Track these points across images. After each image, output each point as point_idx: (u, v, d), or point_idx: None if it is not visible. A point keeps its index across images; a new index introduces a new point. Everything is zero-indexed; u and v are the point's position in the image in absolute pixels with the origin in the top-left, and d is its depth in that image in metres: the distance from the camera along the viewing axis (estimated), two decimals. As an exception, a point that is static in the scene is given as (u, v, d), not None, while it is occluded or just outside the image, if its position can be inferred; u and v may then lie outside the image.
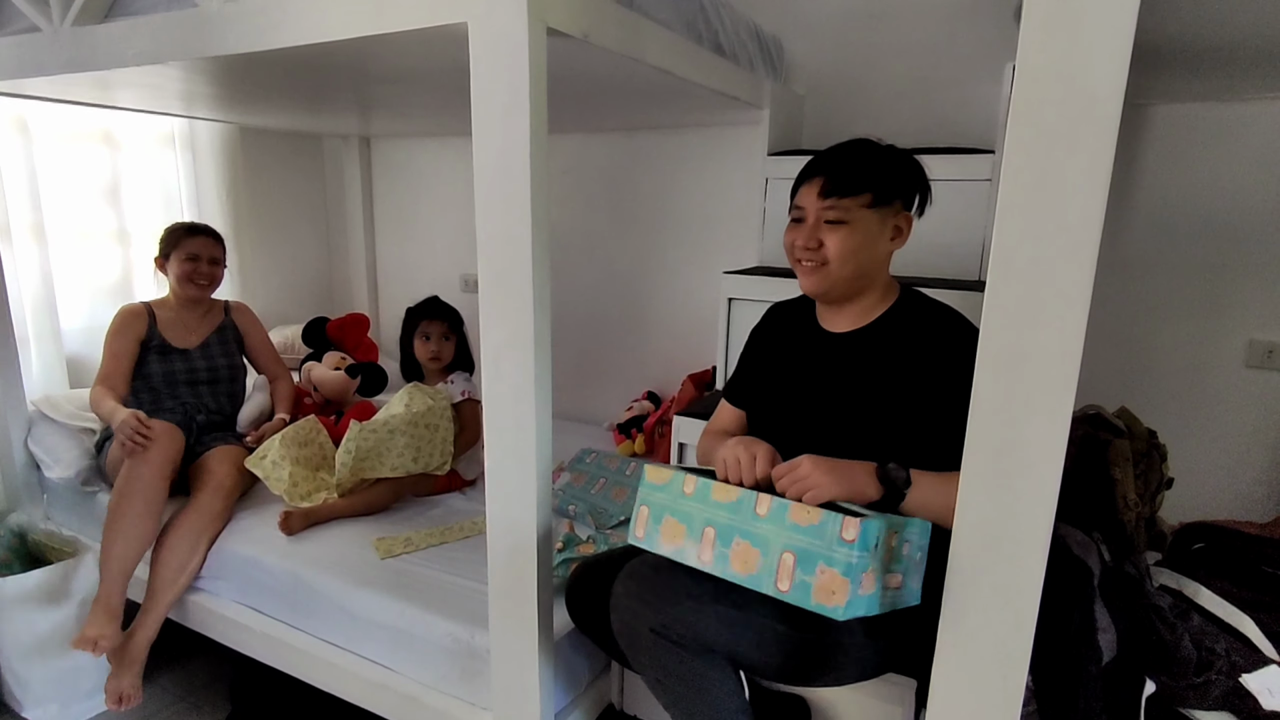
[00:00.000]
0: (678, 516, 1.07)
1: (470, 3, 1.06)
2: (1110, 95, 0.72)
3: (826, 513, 0.94)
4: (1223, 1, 1.05)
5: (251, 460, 1.89)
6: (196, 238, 2.10)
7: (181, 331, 2.13)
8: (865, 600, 0.93)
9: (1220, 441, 1.88)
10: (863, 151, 1.19)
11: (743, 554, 0.99)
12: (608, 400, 2.71)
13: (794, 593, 0.95)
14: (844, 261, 1.16)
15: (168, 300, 2.16)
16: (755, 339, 1.43)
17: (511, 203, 1.10)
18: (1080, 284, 0.75)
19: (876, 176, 1.16)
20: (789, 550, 0.95)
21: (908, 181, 1.19)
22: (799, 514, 0.96)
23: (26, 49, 1.64)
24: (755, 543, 0.99)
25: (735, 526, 1.01)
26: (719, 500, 1.04)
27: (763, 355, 1.39)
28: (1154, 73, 1.54)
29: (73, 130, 2.38)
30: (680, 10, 1.52)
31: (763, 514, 0.99)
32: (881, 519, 0.94)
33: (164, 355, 2.07)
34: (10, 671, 1.76)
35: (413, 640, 1.48)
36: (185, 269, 2.07)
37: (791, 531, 0.96)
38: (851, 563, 0.90)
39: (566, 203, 2.68)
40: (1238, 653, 1.09)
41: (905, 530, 0.98)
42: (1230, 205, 1.80)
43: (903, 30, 2.07)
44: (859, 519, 0.91)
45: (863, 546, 0.91)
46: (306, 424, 2.02)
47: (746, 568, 0.99)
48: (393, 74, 1.61)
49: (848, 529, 0.91)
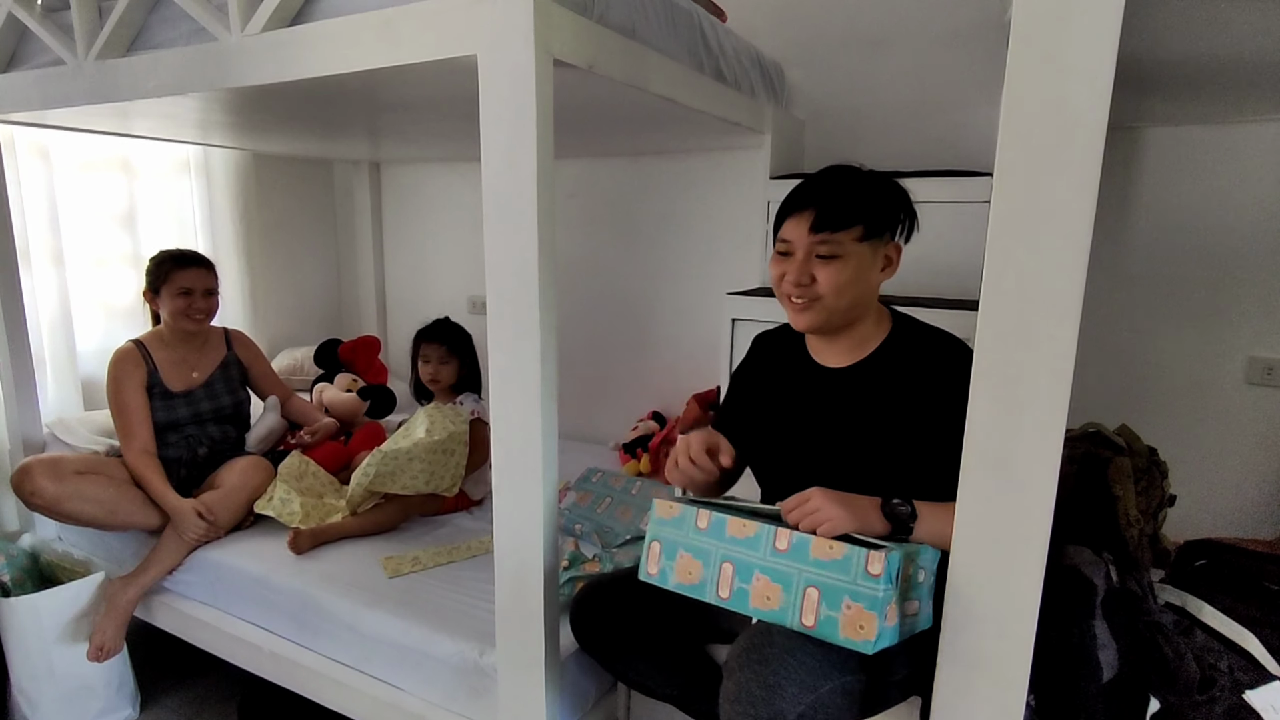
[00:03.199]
0: (692, 552, 1.06)
1: (480, 36, 1.10)
2: (1095, 119, 0.75)
3: (850, 547, 0.94)
4: (1213, 27, 1.08)
5: (260, 504, 1.89)
6: (189, 269, 1.97)
7: (182, 371, 2.03)
8: (891, 631, 0.93)
9: (1222, 459, 1.89)
10: (851, 181, 1.16)
11: (763, 589, 0.99)
12: (613, 420, 2.73)
13: (820, 628, 0.94)
14: (838, 295, 1.13)
15: (161, 335, 2.02)
16: (744, 371, 1.41)
17: (518, 227, 1.13)
18: (1070, 302, 0.77)
19: (867, 208, 1.13)
20: (813, 585, 0.95)
21: (897, 210, 1.18)
22: (820, 549, 0.95)
23: (52, 81, 1.70)
24: (775, 578, 0.98)
25: (754, 562, 1.00)
26: (735, 535, 1.02)
27: (754, 389, 1.36)
28: (1149, 96, 1.57)
29: (92, 158, 2.44)
30: (682, 39, 1.56)
31: (783, 549, 0.98)
32: (900, 549, 0.94)
33: (167, 399, 1.98)
34: (20, 691, 1.78)
35: (420, 659, 1.49)
36: (180, 304, 1.95)
37: (814, 567, 0.95)
38: (878, 596, 0.90)
39: (573, 226, 2.72)
40: (1242, 670, 1.09)
41: (920, 558, 0.98)
42: (1228, 224, 1.82)
43: (902, 56, 2.12)
44: (884, 552, 0.91)
45: (888, 580, 0.91)
46: (293, 460, 2.02)
47: (768, 603, 0.98)
48: (404, 103, 1.66)
49: (873, 563, 0.91)
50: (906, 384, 1.15)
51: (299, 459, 2.04)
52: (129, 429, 1.91)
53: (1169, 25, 1.03)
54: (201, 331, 2.07)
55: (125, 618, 1.78)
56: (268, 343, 2.91)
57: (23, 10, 1.70)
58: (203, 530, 1.81)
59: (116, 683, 1.83)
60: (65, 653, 1.75)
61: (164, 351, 2.01)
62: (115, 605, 1.77)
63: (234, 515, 1.88)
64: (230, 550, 1.84)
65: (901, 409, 1.15)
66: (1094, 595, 1.12)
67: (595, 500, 2.02)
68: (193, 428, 2.03)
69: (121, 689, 1.85)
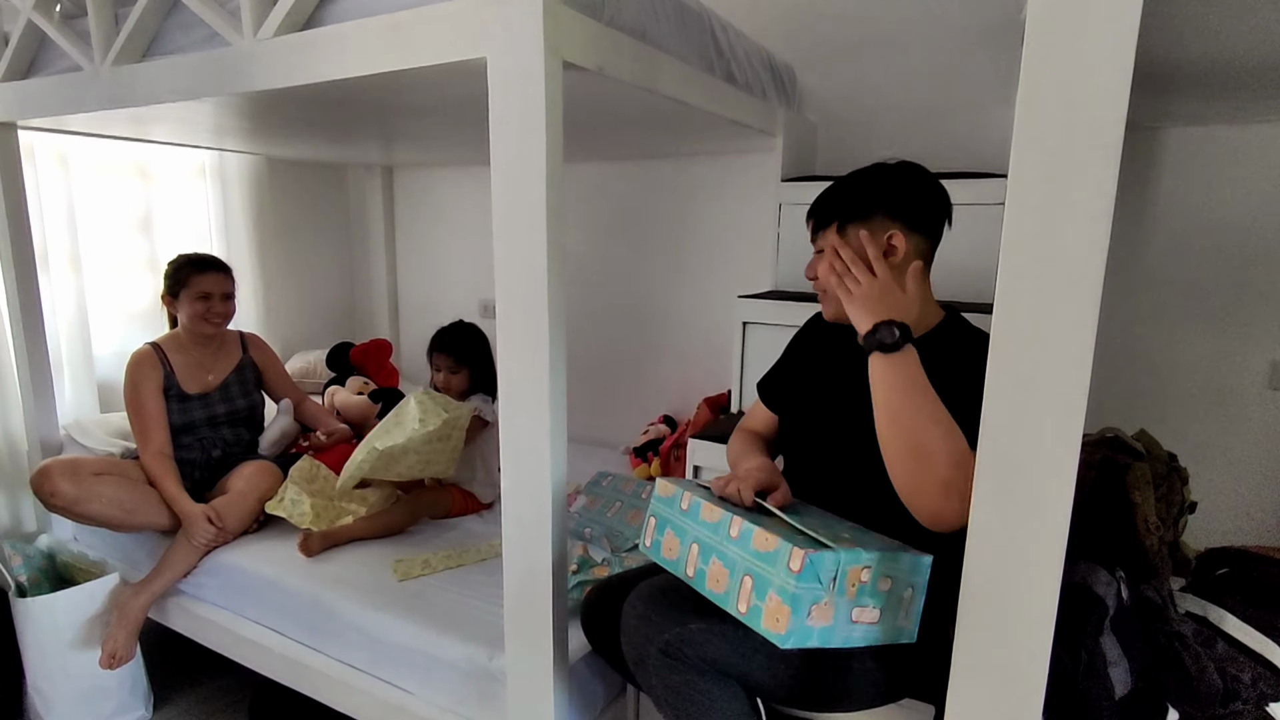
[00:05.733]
0: (675, 530, 1.14)
1: (489, 39, 1.10)
2: (1113, 119, 0.73)
3: (782, 541, 0.96)
4: (1234, 28, 1.06)
5: (271, 505, 1.89)
6: (207, 274, 1.99)
7: (198, 374, 2.05)
8: (818, 631, 0.95)
9: (1243, 465, 1.85)
10: (837, 182, 1.24)
11: (716, 573, 1.05)
12: (624, 424, 2.72)
13: (749, 616, 0.98)
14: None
15: (179, 338, 2.04)
16: (796, 344, 1.44)
17: (528, 230, 1.13)
18: (1087, 305, 0.76)
19: (840, 203, 1.19)
20: (748, 574, 0.99)
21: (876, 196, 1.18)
22: (760, 540, 0.99)
23: (69, 87, 1.72)
24: (725, 563, 1.03)
25: (713, 546, 1.06)
26: (705, 519, 1.09)
27: (801, 362, 1.40)
28: (1168, 96, 1.55)
29: (109, 164, 2.47)
30: (692, 41, 1.56)
31: (734, 536, 1.03)
32: (841, 553, 0.94)
33: (183, 402, 2.00)
34: (36, 690, 1.79)
35: (429, 662, 1.49)
36: (198, 309, 1.98)
37: (752, 556, 0.99)
38: (791, 592, 0.92)
39: (584, 229, 2.72)
40: (1265, 681, 1.06)
41: (885, 566, 0.98)
42: (1249, 226, 1.79)
43: (915, 57, 2.10)
44: (806, 552, 0.92)
45: (808, 578, 0.92)
46: (304, 463, 2.02)
47: (718, 586, 1.04)
48: (415, 106, 1.66)
49: (794, 559, 0.94)
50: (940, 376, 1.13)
51: (310, 462, 2.04)
52: (145, 431, 1.93)
53: (1189, 24, 1.02)
54: (218, 335, 2.09)
55: (136, 625, 1.80)
56: (281, 345, 2.93)
57: (41, 17, 1.73)
58: (212, 535, 1.82)
59: (130, 683, 1.85)
60: (80, 653, 1.77)
61: (181, 354, 2.03)
62: (126, 613, 1.78)
63: (243, 520, 1.89)
64: (242, 553, 1.85)
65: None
66: (1104, 613, 1.10)
67: (605, 504, 2.02)
68: (208, 430, 2.05)
69: (135, 689, 1.87)
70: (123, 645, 1.76)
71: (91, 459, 1.92)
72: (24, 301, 2.06)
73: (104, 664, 1.74)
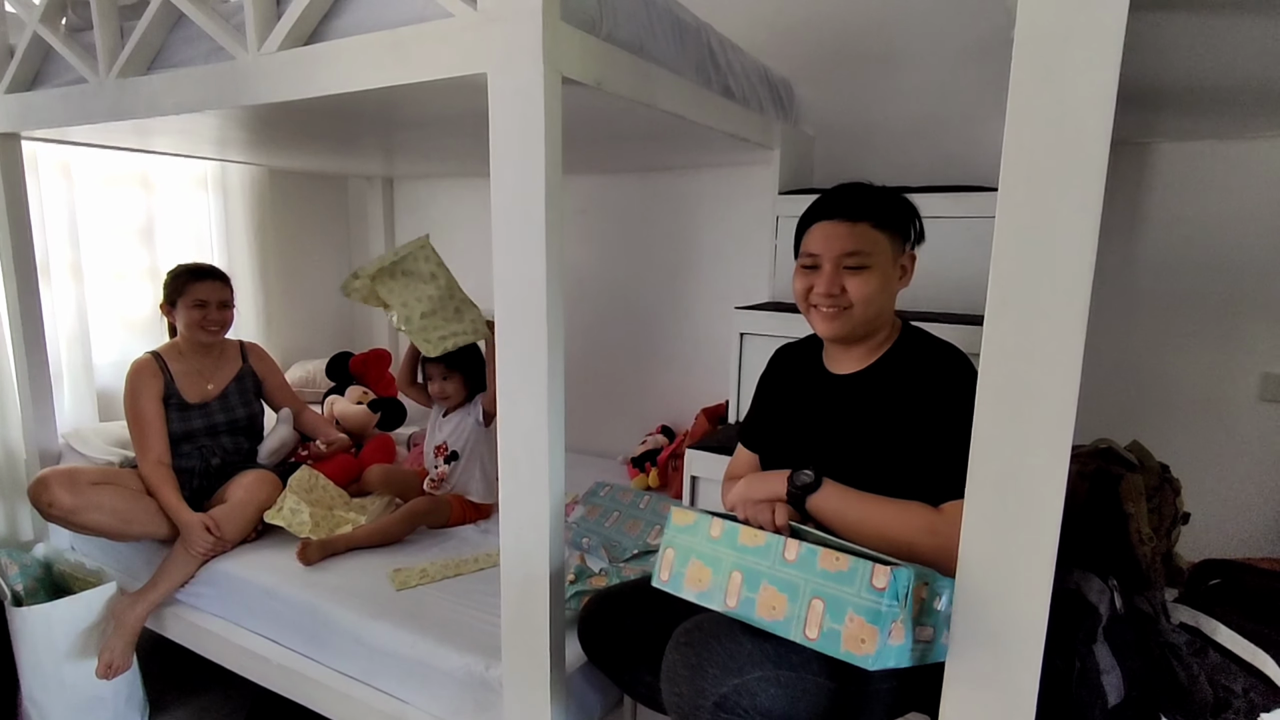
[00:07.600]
0: (704, 559, 1.07)
1: (489, 54, 1.12)
2: (1098, 136, 0.75)
3: (855, 559, 0.93)
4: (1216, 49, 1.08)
5: (270, 514, 1.90)
6: (204, 282, 2.01)
7: (198, 382, 2.05)
8: (895, 650, 0.91)
9: (1236, 476, 1.86)
10: (870, 189, 1.22)
11: (769, 599, 0.99)
12: (622, 434, 2.73)
13: (822, 640, 0.93)
14: (867, 305, 1.17)
15: (178, 347, 2.06)
16: (765, 383, 1.44)
17: (527, 242, 1.14)
18: (1075, 318, 0.77)
19: (888, 214, 1.19)
20: (818, 596, 0.95)
21: (910, 219, 1.23)
22: (828, 560, 0.95)
23: (74, 99, 1.74)
24: (782, 588, 0.98)
25: (762, 571, 1.00)
26: (746, 544, 1.03)
27: (772, 399, 1.40)
28: (1158, 112, 1.57)
29: (112, 174, 2.49)
30: (690, 56, 1.58)
31: (791, 559, 0.98)
32: (910, 568, 0.92)
33: (183, 411, 2.01)
34: (31, 700, 1.79)
35: (426, 672, 1.49)
36: (194, 316, 1.99)
37: (821, 578, 0.95)
38: (880, 610, 0.89)
39: (582, 242, 2.74)
40: (1257, 692, 1.07)
41: (936, 583, 0.97)
42: (1240, 240, 1.81)
43: (911, 71, 2.13)
44: (890, 567, 0.90)
45: (892, 595, 0.90)
46: (303, 473, 2.04)
47: (773, 613, 0.98)
48: (416, 120, 1.68)
49: (878, 576, 0.90)
50: (905, 391, 1.17)
51: (309, 472, 2.05)
52: (145, 440, 1.94)
53: (1172, 45, 1.04)
54: (217, 344, 2.11)
55: (133, 635, 1.80)
56: (281, 355, 2.94)
57: (47, 30, 1.75)
58: (210, 544, 1.82)
59: (126, 693, 1.84)
60: (76, 662, 1.77)
61: (180, 363, 2.04)
62: (123, 623, 1.78)
63: (240, 529, 1.89)
64: (240, 562, 1.85)
65: (899, 415, 1.16)
66: (1097, 621, 1.11)
67: (603, 514, 2.02)
68: (207, 439, 2.05)
69: (131, 699, 1.86)
70: (120, 655, 1.76)
71: (89, 468, 1.93)
72: (25, 310, 2.07)
73: (100, 674, 1.74)
